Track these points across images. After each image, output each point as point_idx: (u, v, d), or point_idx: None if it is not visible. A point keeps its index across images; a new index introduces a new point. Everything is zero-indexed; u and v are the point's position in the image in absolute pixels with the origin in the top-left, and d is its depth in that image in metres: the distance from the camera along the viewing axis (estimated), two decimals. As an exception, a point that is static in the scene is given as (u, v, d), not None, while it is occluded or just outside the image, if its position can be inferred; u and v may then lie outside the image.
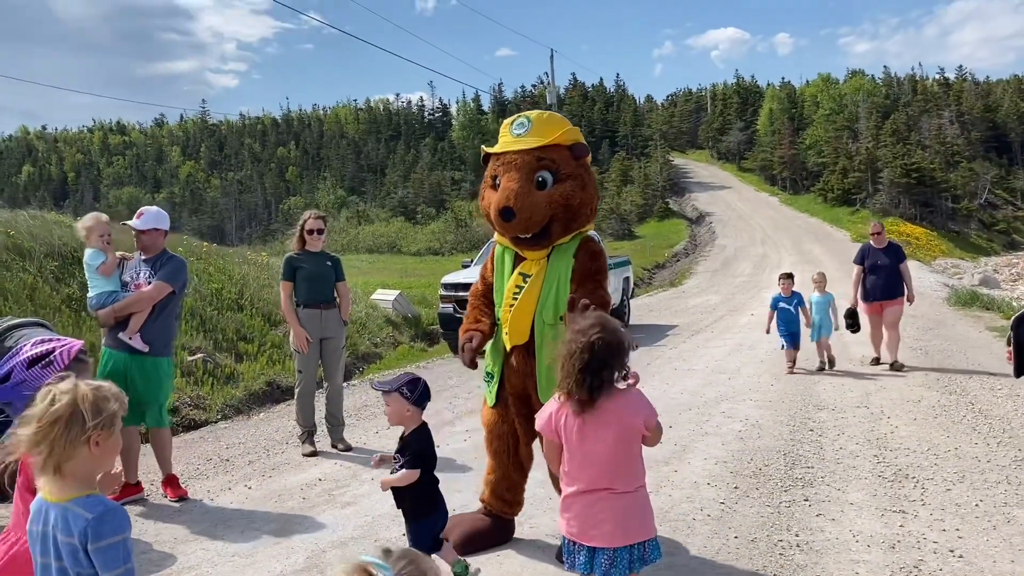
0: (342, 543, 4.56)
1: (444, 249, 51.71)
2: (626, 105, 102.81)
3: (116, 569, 2.03)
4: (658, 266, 36.67)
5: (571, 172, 4.09)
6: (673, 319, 15.68)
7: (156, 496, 5.61)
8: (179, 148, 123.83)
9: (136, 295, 5.36)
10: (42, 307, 9.00)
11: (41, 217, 12.95)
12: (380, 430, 7.36)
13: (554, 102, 35.81)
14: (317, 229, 6.64)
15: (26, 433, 2.04)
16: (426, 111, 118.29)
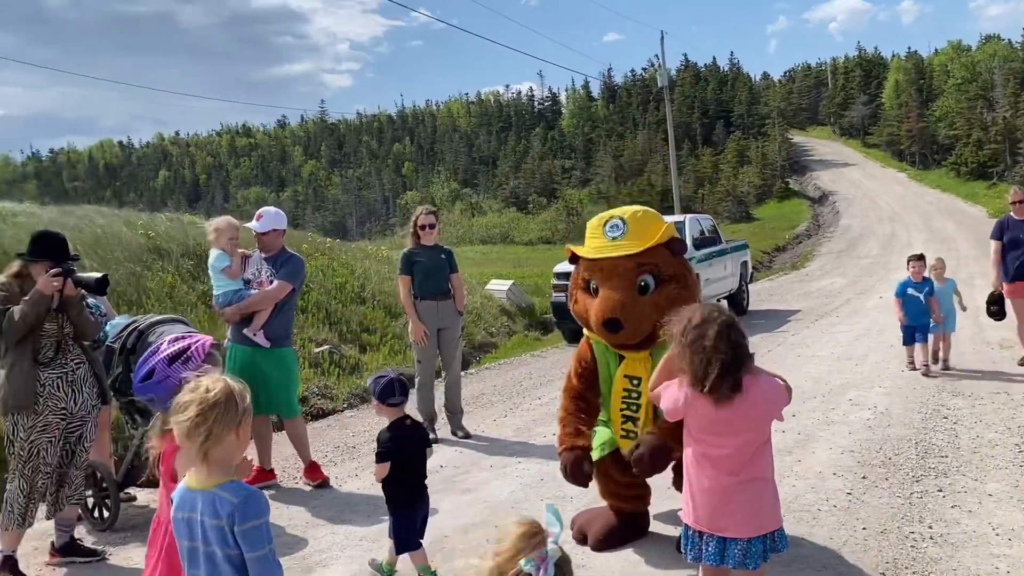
0: (464, 529, 4.68)
1: (556, 238, 51.72)
2: (741, 84, 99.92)
3: (260, 549, 2.18)
4: (778, 249, 35.53)
5: (673, 272, 3.90)
6: (795, 303, 15.19)
7: (288, 482, 5.90)
8: (301, 148, 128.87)
9: (261, 295, 5.64)
10: (180, 304, 9.58)
11: (177, 219, 13.76)
12: (498, 418, 7.48)
13: (665, 84, 35.16)
14: (429, 224, 6.82)
15: (184, 419, 2.19)
16: (536, 101, 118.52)
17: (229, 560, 2.18)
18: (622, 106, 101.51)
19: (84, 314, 4.47)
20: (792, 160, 73.92)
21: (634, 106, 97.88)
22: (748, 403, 2.87)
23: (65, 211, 13.00)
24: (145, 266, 10.27)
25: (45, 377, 4.30)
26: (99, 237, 10.45)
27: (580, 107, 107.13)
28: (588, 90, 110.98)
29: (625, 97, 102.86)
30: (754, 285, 17.29)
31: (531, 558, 1.70)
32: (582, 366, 4.24)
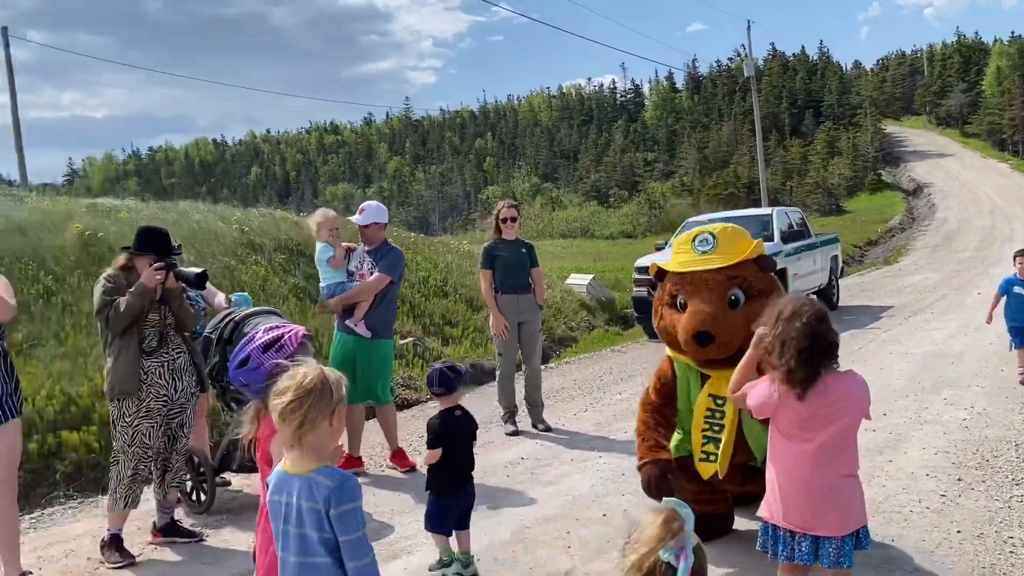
0: (546, 520, 4.72)
1: (637, 232, 51.22)
2: (831, 72, 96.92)
3: (354, 533, 2.26)
4: (870, 243, 34.37)
5: (763, 287, 3.86)
6: (887, 299, 14.69)
7: (375, 470, 6.06)
8: (386, 144, 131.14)
9: (360, 287, 5.87)
10: (272, 296, 9.91)
11: (269, 214, 14.23)
12: (578, 412, 7.50)
13: (752, 74, 34.42)
14: (510, 217, 6.89)
15: (280, 403, 2.28)
16: (618, 93, 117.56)
17: (323, 543, 2.27)
18: (707, 97, 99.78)
19: (184, 306, 4.70)
20: (885, 151, 71.36)
21: (719, 97, 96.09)
22: (835, 398, 2.85)
23: (164, 207, 13.60)
24: (239, 259, 10.66)
25: (148, 365, 4.53)
26: (196, 231, 10.89)
27: (663, 98, 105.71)
28: (672, 81, 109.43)
29: (710, 88, 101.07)
30: (844, 280, 16.80)
31: (670, 547, 1.72)
32: (661, 382, 4.19)
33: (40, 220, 10.07)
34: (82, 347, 7.48)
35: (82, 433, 6.33)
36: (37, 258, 9.01)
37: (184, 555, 4.62)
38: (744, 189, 57.01)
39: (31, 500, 5.73)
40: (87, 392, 6.73)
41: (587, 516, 4.75)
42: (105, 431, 6.05)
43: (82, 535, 5.07)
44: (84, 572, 4.48)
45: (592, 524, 4.62)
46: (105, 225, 10.36)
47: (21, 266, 8.72)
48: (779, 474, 2.96)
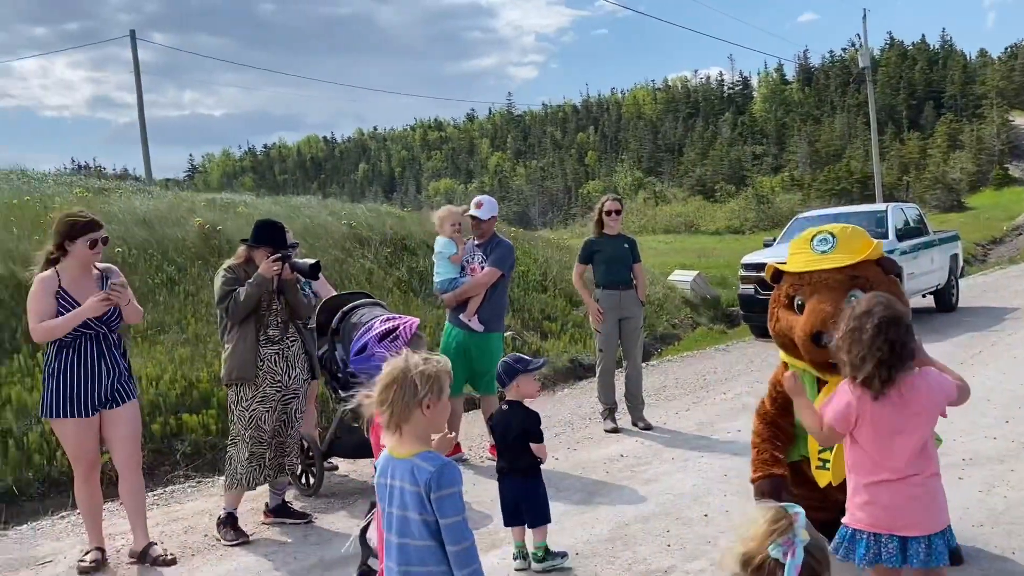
0: (645, 518, 4.69)
1: (744, 227, 50.04)
2: (954, 62, 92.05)
3: (454, 517, 2.32)
4: (994, 241, 32.55)
5: (886, 290, 3.63)
6: (1013, 300, 13.86)
7: (476, 459, 6.15)
8: (488, 140, 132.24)
9: (472, 282, 6.01)
10: (377, 288, 10.17)
11: (375, 209, 14.60)
12: (680, 411, 7.40)
13: (867, 64, 33.06)
14: (614, 210, 6.85)
15: (372, 394, 2.41)
16: (725, 85, 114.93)
17: (425, 525, 2.34)
18: (819, 89, 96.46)
19: (299, 296, 4.92)
20: (1012, 144, 67.32)
21: (832, 88, 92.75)
22: (910, 399, 2.81)
23: (277, 201, 14.15)
24: (347, 253, 10.99)
25: (264, 353, 4.74)
26: (307, 226, 11.29)
27: (773, 91, 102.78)
28: (782, 73, 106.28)
29: (822, 79, 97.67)
30: (965, 280, 15.95)
31: (778, 543, 1.72)
32: (776, 391, 4.07)
33: (164, 213, 10.65)
34: (202, 334, 7.88)
35: (201, 416, 6.68)
36: (161, 249, 9.54)
37: (294, 536, 4.81)
38: (857, 184, 54.93)
39: (154, 478, 6.08)
40: (206, 377, 7.08)
41: (687, 515, 4.69)
42: (222, 415, 6.36)
43: (200, 512, 5.36)
44: (201, 548, 4.73)
45: (693, 524, 4.56)
46: (223, 219, 10.87)
47: (147, 256, 9.25)
48: (862, 478, 2.92)
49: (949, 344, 9.41)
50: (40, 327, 4.23)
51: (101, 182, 15.26)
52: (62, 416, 4.28)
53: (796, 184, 64.19)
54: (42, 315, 4.23)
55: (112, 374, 4.38)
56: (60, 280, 4.29)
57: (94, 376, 4.31)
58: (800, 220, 13.57)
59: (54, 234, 4.33)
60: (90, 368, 4.30)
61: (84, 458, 4.37)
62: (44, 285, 4.27)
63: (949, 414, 6.12)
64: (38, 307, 4.23)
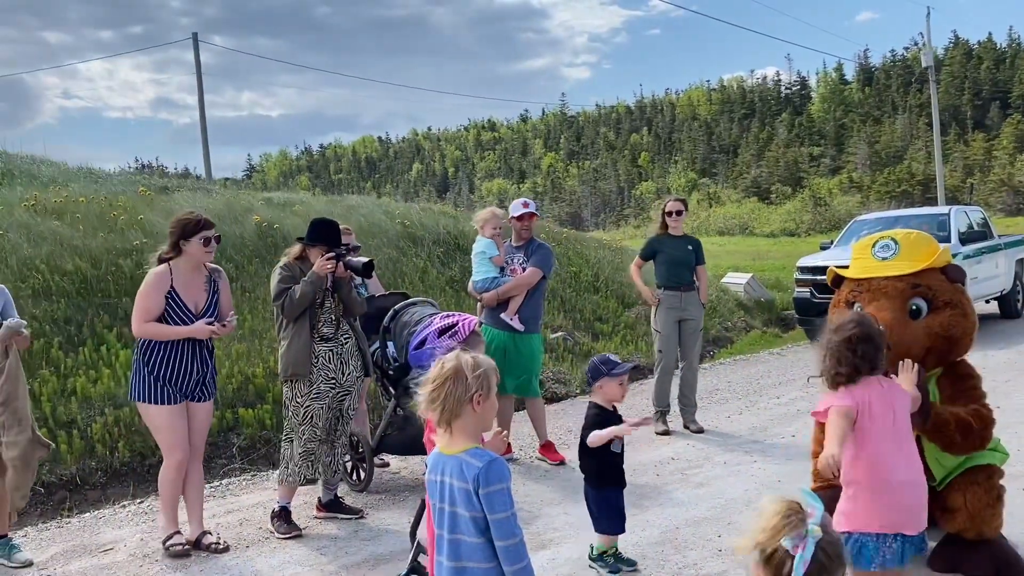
0: (695, 522, 4.64)
1: (800, 230, 49.16)
2: (1022, 60, 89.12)
3: (503, 512, 2.33)
4: (1063, 246, 31.37)
5: (950, 299, 3.61)
6: (1082, 308, 13.37)
7: (526, 459, 6.16)
8: (541, 140, 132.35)
9: (515, 281, 6.00)
10: (430, 287, 10.26)
11: (429, 208, 14.71)
12: (732, 415, 7.31)
13: (930, 64, 32.22)
14: (676, 211, 6.79)
15: (424, 393, 2.44)
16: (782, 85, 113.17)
17: (474, 521, 2.35)
18: (879, 89, 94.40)
19: (353, 294, 4.98)
20: (1085, 145, 64.91)
21: (893, 88, 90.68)
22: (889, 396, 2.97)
23: (332, 200, 14.34)
24: (401, 252, 11.10)
25: (319, 350, 4.80)
26: (362, 224, 11.42)
27: (832, 91, 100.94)
28: (841, 72, 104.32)
29: (883, 79, 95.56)
30: (1032, 286, 15.43)
31: (791, 536, 1.72)
32: None
33: (223, 211, 10.88)
34: (258, 330, 8.03)
35: (257, 410, 6.80)
36: (220, 246, 9.73)
37: (345, 531, 4.88)
38: (919, 187, 53.60)
39: (211, 470, 6.21)
40: (262, 372, 7.22)
41: (739, 521, 4.63)
42: (278, 409, 6.48)
43: (255, 505, 5.46)
44: (256, 539, 4.82)
45: (744, 530, 4.49)
46: (280, 217, 11.07)
47: (206, 254, 9.45)
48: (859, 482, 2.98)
49: (1014, 352, 9.12)
50: (147, 327, 4.44)
51: (163, 180, 15.66)
52: (153, 402, 4.45)
53: (855, 186, 62.86)
54: (150, 311, 4.43)
55: (203, 371, 4.59)
56: (172, 279, 4.48)
57: (187, 370, 4.51)
58: (858, 223, 13.28)
59: (169, 234, 4.55)
60: (181, 365, 4.49)
61: (179, 442, 4.51)
62: (157, 282, 4.46)
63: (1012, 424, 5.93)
64: (147, 303, 4.44)
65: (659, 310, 6.79)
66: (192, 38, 28.36)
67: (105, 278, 8.18)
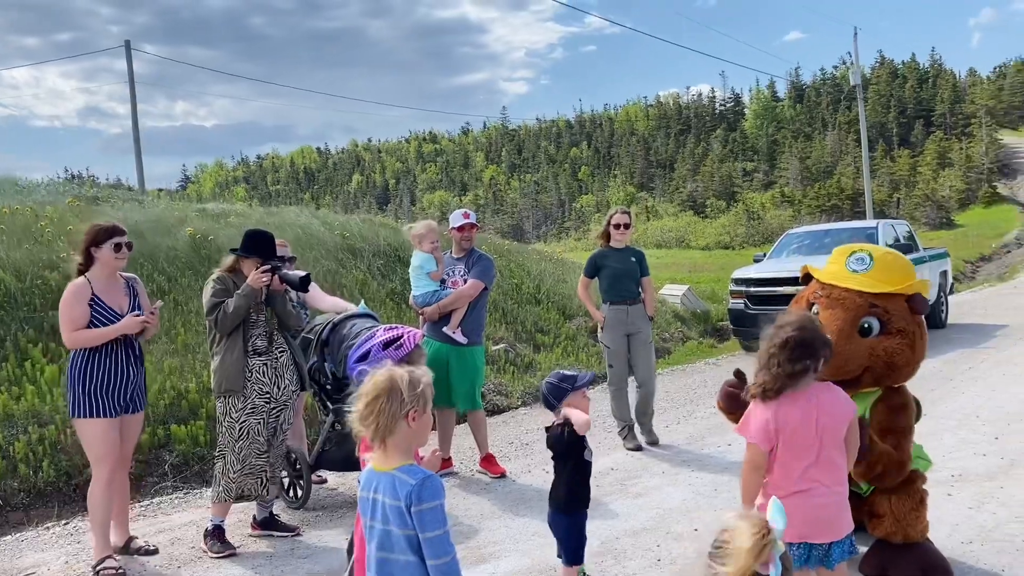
0: (634, 532, 4.67)
1: (734, 243, 50.24)
2: (943, 81, 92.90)
3: (436, 531, 2.30)
4: (983, 258, 32.72)
5: (903, 327, 3.61)
6: (1002, 318, 13.93)
7: (466, 472, 6.13)
8: (483, 153, 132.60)
9: (457, 293, 5.96)
10: (370, 300, 10.14)
11: (369, 220, 14.58)
12: (670, 425, 7.39)
13: (858, 82, 33.28)
14: (623, 223, 6.68)
15: (355, 409, 2.39)
16: (717, 102, 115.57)
17: (406, 540, 2.32)
18: (810, 106, 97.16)
19: (288, 307, 4.89)
20: (1001, 163, 67.86)
21: (823, 106, 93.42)
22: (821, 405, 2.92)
23: (270, 211, 14.12)
24: (340, 264, 10.97)
25: (253, 364, 4.71)
26: (299, 236, 11.26)
27: (764, 107, 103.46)
28: (773, 90, 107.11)
29: (813, 97, 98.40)
30: (955, 297, 16.02)
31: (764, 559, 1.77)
32: None
33: (155, 223, 10.61)
34: (191, 344, 7.84)
35: (190, 427, 6.63)
36: (152, 259, 9.50)
37: (281, 549, 4.77)
38: (848, 201, 55.21)
39: (141, 489, 6.03)
40: (195, 388, 7.04)
41: (678, 530, 4.68)
42: (211, 426, 6.32)
43: (187, 524, 5.31)
44: (189, 559, 4.69)
45: (683, 538, 4.55)
46: (215, 228, 10.84)
47: (137, 266, 9.20)
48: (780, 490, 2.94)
49: (939, 361, 9.44)
50: (76, 335, 4.38)
51: (94, 191, 15.21)
52: (93, 416, 4.37)
53: (787, 200, 64.45)
54: (76, 322, 4.38)
55: (135, 380, 4.56)
56: (92, 288, 4.43)
57: (121, 380, 4.46)
58: (791, 236, 13.63)
59: (81, 243, 4.51)
60: (117, 373, 4.45)
61: (111, 455, 4.43)
62: (76, 293, 4.41)
63: (939, 432, 6.13)
64: (72, 314, 4.38)
65: (605, 326, 6.69)
66: (125, 46, 27.66)
67: (30, 291, 7.90)
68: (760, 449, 2.95)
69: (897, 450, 3.56)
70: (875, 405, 3.64)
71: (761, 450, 2.95)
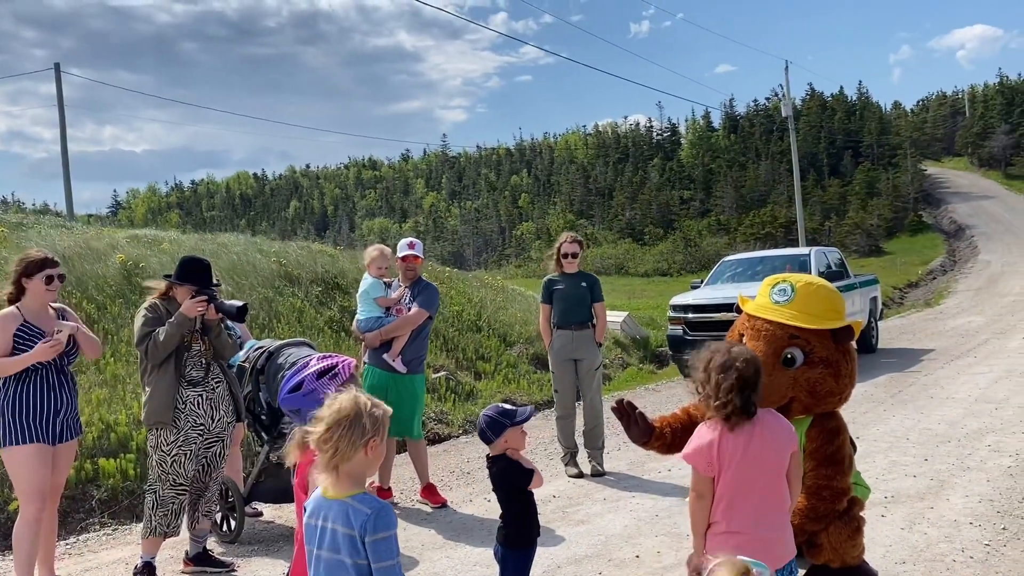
0: (576, 560, 4.66)
1: (672, 269, 51.09)
2: (870, 113, 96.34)
3: (388, 561, 2.27)
4: (910, 284, 33.89)
5: (826, 356, 3.57)
6: (928, 342, 14.41)
7: (406, 503, 6.04)
8: (423, 180, 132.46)
9: (400, 321, 5.89)
10: (308, 328, 10.00)
11: (307, 247, 14.39)
12: (611, 451, 7.41)
13: (790, 114, 34.34)
14: (571, 253, 6.72)
15: (316, 432, 2.33)
16: (654, 132, 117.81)
17: (356, 569, 2.28)
18: (744, 136, 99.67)
19: (223, 336, 4.76)
20: (925, 192, 70.53)
21: (757, 136, 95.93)
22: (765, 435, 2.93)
23: (204, 238, 13.83)
24: (277, 292, 10.79)
25: (187, 395, 4.58)
26: (235, 263, 11.06)
27: (700, 137, 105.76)
28: (708, 120, 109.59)
29: (747, 127, 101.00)
30: (884, 322, 16.53)
31: None
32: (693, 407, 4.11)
33: (84, 250, 10.30)
34: (121, 375, 7.60)
35: (120, 460, 6.40)
36: (80, 286, 9.20)
37: (214, 585, 4.62)
38: (781, 229, 56.63)
39: (67, 526, 5.79)
40: (125, 420, 6.81)
41: (620, 557, 4.67)
42: (142, 459, 6.12)
43: (116, 562, 5.11)
44: (116, 599, 4.50)
45: (624, 565, 4.54)
46: (147, 256, 10.57)
47: (66, 294, 8.90)
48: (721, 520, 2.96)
49: (870, 385, 9.69)
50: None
51: (19, 216, 14.70)
52: (24, 442, 4.18)
53: (722, 228, 65.88)
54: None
55: (66, 408, 4.37)
56: (24, 316, 4.28)
57: (51, 407, 4.29)
58: (726, 263, 13.93)
59: (11, 274, 4.36)
60: (47, 400, 4.28)
61: (41, 488, 4.22)
62: (4, 320, 4.25)
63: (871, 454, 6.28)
64: None
65: (551, 351, 6.74)
66: (54, 68, 27.01)
67: (-52, 320, 7.56)
68: (701, 475, 2.96)
69: (835, 480, 3.58)
70: (809, 431, 3.69)
71: (702, 476, 2.95)
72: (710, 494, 2.96)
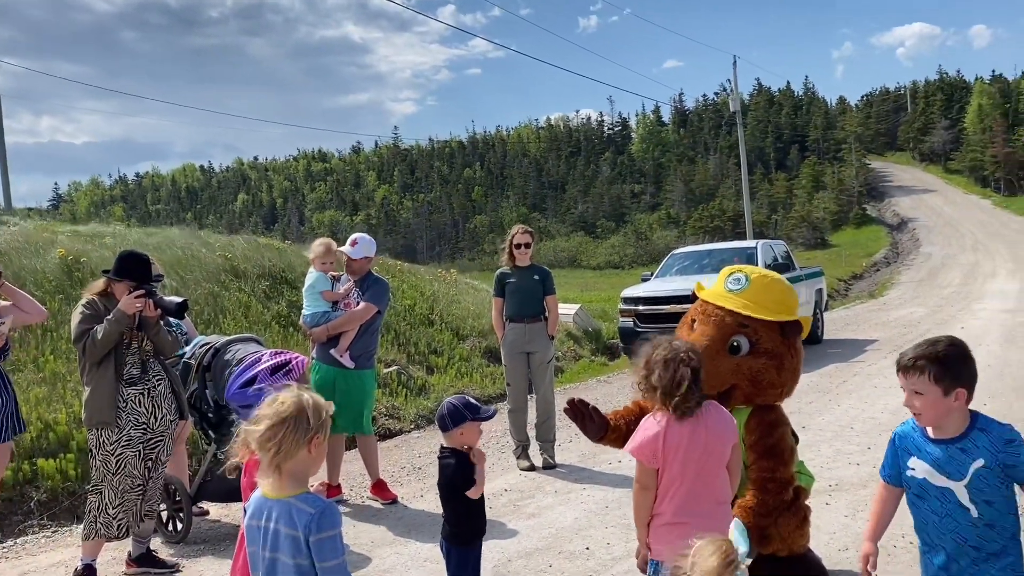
0: (527, 553, 4.66)
1: (624, 262, 51.53)
2: (816, 108, 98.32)
3: (333, 560, 2.23)
4: (855, 276, 34.66)
5: (771, 348, 3.65)
6: (872, 333, 14.75)
7: (356, 499, 5.98)
8: (375, 173, 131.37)
9: (347, 316, 5.81)
10: (255, 323, 9.83)
11: (254, 241, 14.15)
12: (562, 443, 7.43)
13: (738, 108, 34.82)
14: (524, 243, 6.70)
15: (257, 431, 2.27)
16: (605, 126, 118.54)
17: (299, 569, 2.23)
18: (693, 131, 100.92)
19: (162, 333, 4.63)
20: (869, 186, 72.23)
21: (705, 131, 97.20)
22: (711, 427, 2.97)
23: (149, 232, 13.51)
24: (222, 286, 10.58)
25: (127, 393, 4.46)
26: (180, 258, 10.82)
27: (650, 132, 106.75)
28: (659, 115, 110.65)
29: (696, 122, 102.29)
30: (829, 313, 16.87)
31: None
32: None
33: (22, 243, 9.98)
34: (60, 373, 7.38)
35: (60, 460, 6.22)
36: (18, 281, 8.90)
37: (158, 587, 4.52)
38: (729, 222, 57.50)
39: (4, 528, 5.62)
40: (65, 419, 6.63)
41: (570, 549, 4.69)
42: (83, 459, 5.95)
43: (56, 564, 4.97)
44: (55, 604, 4.38)
45: (575, 557, 4.56)
46: (88, 250, 10.29)
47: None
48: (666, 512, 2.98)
49: (816, 375, 9.88)
50: None
51: (-48, 210, 14.21)
52: None
53: (672, 221, 66.71)
54: None
55: (5, 403, 4.29)
56: None
57: None
58: (675, 256, 14.09)
59: None
60: None
61: None
62: None
63: (816, 443, 6.38)
64: None
65: (503, 344, 6.75)
66: (-11, 56, 26.11)
67: None
68: (646, 467, 2.97)
69: (778, 471, 3.63)
70: (748, 422, 3.73)
71: (647, 468, 2.97)
72: (654, 486, 2.98)
